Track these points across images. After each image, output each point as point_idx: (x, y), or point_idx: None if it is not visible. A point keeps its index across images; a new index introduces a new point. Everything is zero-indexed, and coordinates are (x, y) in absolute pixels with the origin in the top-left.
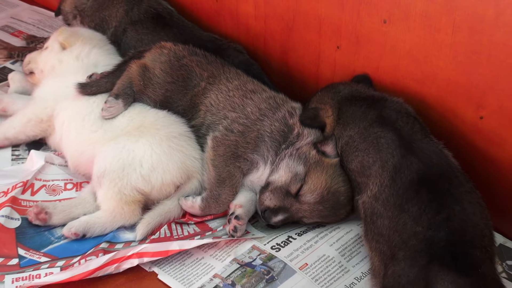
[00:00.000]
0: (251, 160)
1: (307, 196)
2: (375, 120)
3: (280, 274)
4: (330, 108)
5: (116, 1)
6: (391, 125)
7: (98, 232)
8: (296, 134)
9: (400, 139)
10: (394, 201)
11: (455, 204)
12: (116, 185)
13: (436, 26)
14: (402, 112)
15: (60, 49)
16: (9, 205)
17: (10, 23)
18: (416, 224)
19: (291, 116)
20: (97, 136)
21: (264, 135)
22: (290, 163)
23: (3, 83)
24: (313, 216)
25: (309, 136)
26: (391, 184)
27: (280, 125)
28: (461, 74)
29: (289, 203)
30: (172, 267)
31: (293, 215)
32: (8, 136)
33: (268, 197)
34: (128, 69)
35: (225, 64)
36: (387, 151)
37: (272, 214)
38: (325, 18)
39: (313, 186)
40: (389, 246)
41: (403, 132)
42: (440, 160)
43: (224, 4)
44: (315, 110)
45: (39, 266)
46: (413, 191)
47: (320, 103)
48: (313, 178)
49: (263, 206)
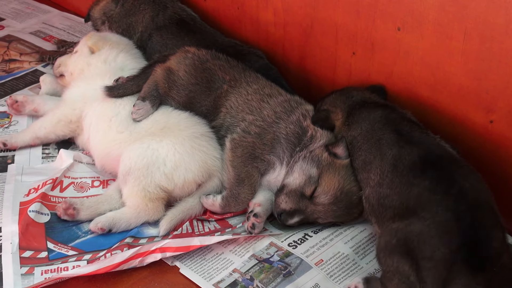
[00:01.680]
0: (268, 161)
1: (321, 197)
2: (378, 121)
3: (296, 269)
4: (341, 112)
5: (142, 7)
6: (392, 125)
7: (123, 228)
8: (309, 136)
9: (399, 136)
10: (399, 180)
11: (464, 180)
12: (140, 183)
13: (448, 33)
14: (406, 118)
15: (89, 53)
16: (39, 200)
17: (42, 28)
18: (433, 193)
19: (305, 118)
20: (123, 137)
21: (280, 137)
22: (304, 165)
23: (35, 85)
24: (328, 216)
25: (321, 138)
26: (393, 169)
27: (295, 127)
28: (472, 79)
29: (304, 205)
30: (193, 261)
31: (308, 216)
32: (39, 135)
33: (284, 200)
34: (154, 72)
35: (246, 69)
36: (387, 146)
37: (288, 216)
38: (342, 25)
39: (326, 188)
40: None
41: (402, 131)
42: (439, 148)
43: (245, 11)
44: (326, 112)
45: (67, 259)
46: (419, 170)
47: (332, 106)
48: (326, 180)
49: (279, 209)
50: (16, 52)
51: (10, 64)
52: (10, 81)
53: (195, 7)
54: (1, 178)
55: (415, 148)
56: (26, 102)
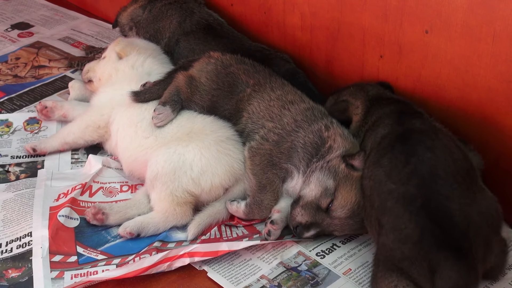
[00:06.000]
0: (285, 169)
1: (337, 211)
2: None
3: (324, 279)
4: (361, 104)
5: (169, 13)
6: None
7: (151, 232)
8: (328, 147)
9: (397, 120)
10: (373, 159)
11: (425, 152)
12: (168, 188)
13: (476, 36)
14: (414, 111)
15: (117, 59)
16: (69, 205)
17: (70, 34)
18: (388, 179)
19: (327, 129)
20: (149, 142)
21: (298, 146)
22: (321, 177)
23: (64, 90)
24: (344, 230)
25: (338, 149)
26: (377, 146)
27: (314, 137)
28: (502, 82)
29: (320, 218)
30: (221, 266)
31: (324, 229)
32: (68, 140)
33: (300, 213)
34: (175, 79)
35: (272, 74)
36: (384, 129)
37: (304, 229)
38: (369, 28)
39: (343, 202)
40: (372, 208)
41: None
42: (424, 123)
43: (272, 16)
44: (346, 103)
45: (96, 264)
46: (390, 147)
47: (352, 97)
48: (343, 193)
49: (295, 222)
50: (45, 59)
51: (39, 71)
52: (40, 87)
53: (222, 12)
54: (31, 183)
55: (400, 128)
56: (55, 107)
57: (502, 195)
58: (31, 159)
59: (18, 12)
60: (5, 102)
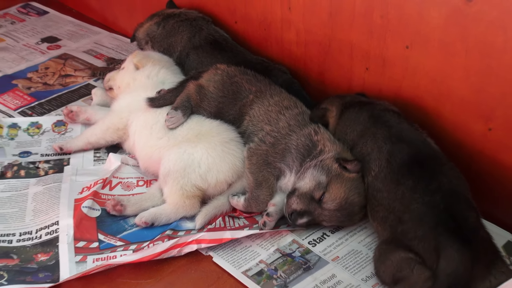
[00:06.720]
0: (279, 168)
1: (328, 203)
2: (368, 120)
3: (315, 264)
4: (336, 109)
5: (181, 29)
6: (381, 121)
7: (164, 221)
8: (319, 150)
9: (390, 131)
10: (391, 177)
11: (442, 177)
12: (178, 183)
13: (451, 51)
14: (388, 110)
15: (134, 69)
16: (91, 198)
17: (93, 47)
18: (413, 192)
19: (316, 133)
20: (162, 143)
21: (291, 148)
22: (315, 172)
23: (87, 97)
24: (332, 220)
25: (330, 151)
26: (387, 165)
27: (306, 140)
28: (473, 92)
29: (313, 208)
30: (225, 252)
31: (315, 218)
32: (91, 141)
33: (295, 201)
34: (186, 87)
35: (271, 83)
36: (382, 141)
37: (298, 216)
38: (356, 44)
39: (334, 195)
40: (390, 212)
41: (392, 125)
42: (425, 146)
43: (271, 32)
44: (324, 110)
45: (115, 249)
46: (406, 169)
47: (329, 105)
48: (334, 188)
49: (291, 209)
50: (71, 68)
51: (66, 79)
52: (66, 94)
53: (227, 28)
54: (58, 178)
55: (405, 146)
56: (80, 112)
57: (473, 191)
58: (58, 157)
59: (47, 27)
60: (35, 106)
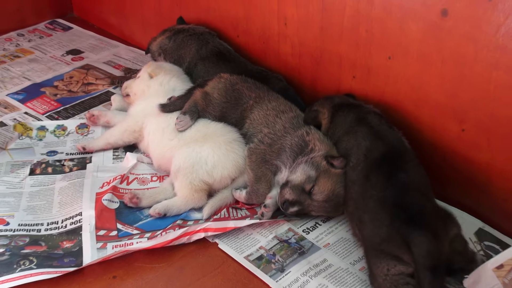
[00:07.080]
0: (276, 165)
1: (317, 195)
2: (354, 120)
3: (309, 250)
4: (327, 111)
5: (189, 43)
6: (365, 122)
7: (175, 212)
8: (310, 148)
9: (371, 130)
10: (364, 172)
11: (402, 173)
12: (188, 178)
13: (428, 61)
14: (372, 112)
15: (149, 78)
16: (111, 191)
17: (112, 59)
18: (373, 189)
19: (308, 134)
20: (172, 143)
21: (286, 147)
22: (306, 168)
23: (107, 102)
24: (320, 211)
25: (320, 150)
26: (364, 159)
27: (299, 140)
28: (448, 97)
29: (303, 198)
30: (229, 239)
31: (304, 208)
32: (110, 141)
33: (288, 192)
34: (194, 94)
35: (269, 90)
36: (362, 138)
37: (290, 205)
38: (344, 55)
39: (322, 188)
40: (357, 208)
41: (373, 125)
42: (399, 144)
43: (269, 45)
44: (316, 112)
45: (132, 237)
46: (376, 165)
47: (320, 107)
48: (322, 182)
49: (284, 198)
50: (92, 77)
51: (88, 87)
52: (88, 100)
53: (230, 41)
54: (82, 174)
55: (381, 144)
56: (100, 116)
57: (448, 184)
58: (81, 155)
59: (71, 41)
60: (61, 111)
